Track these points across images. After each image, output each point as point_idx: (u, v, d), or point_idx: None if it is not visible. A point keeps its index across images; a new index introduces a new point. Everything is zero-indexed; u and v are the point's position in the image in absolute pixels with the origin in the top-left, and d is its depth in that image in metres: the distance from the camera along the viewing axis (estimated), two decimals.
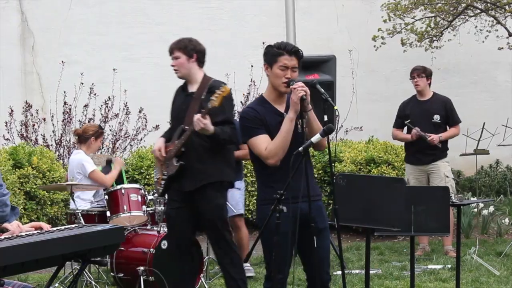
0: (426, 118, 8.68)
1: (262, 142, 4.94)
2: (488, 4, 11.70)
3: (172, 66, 6.05)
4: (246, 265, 7.78)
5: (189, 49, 5.99)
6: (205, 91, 5.86)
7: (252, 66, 12.29)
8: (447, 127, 8.79)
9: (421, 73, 8.75)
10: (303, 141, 4.78)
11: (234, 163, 6.28)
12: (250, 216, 10.00)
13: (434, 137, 8.58)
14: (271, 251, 4.84)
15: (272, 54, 5.01)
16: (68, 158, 11.31)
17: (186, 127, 5.91)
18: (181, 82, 6.22)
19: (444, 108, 8.76)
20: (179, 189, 6.05)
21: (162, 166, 6.13)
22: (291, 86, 4.91)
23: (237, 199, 7.81)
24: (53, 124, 11.67)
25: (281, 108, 5.05)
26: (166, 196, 6.50)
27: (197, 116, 5.68)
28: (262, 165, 5.00)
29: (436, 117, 8.70)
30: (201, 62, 6.06)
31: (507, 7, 11.41)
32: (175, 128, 6.07)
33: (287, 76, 4.96)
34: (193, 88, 6.02)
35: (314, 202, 4.93)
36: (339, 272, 7.35)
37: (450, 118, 8.79)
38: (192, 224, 6.11)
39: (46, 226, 4.13)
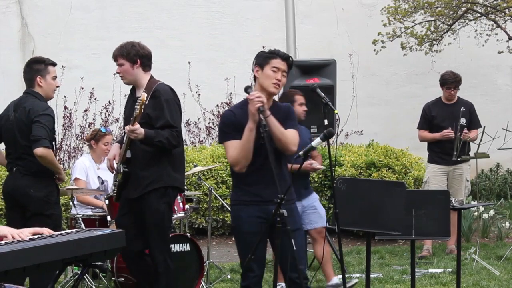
0: (453, 121, 8.84)
1: (230, 149, 5.04)
2: (488, 8, 11.70)
3: (118, 73, 6.02)
4: None
5: (132, 55, 5.94)
6: (149, 96, 5.78)
7: (252, 70, 12.29)
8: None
9: (459, 85, 8.98)
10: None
11: (184, 168, 6.11)
12: None
13: (468, 134, 8.76)
14: (241, 250, 5.06)
15: (265, 57, 5.13)
16: (69, 162, 11.38)
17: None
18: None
19: (468, 112, 8.99)
20: (126, 196, 5.96)
21: (116, 173, 6.04)
22: (247, 96, 4.96)
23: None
24: None
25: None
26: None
27: (127, 128, 5.66)
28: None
29: (462, 120, 8.91)
30: (146, 66, 5.97)
31: (507, 10, 11.41)
32: None
33: (277, 78, 5.05)
34: (140, 93, 5.88)
35: (287, 205, 4.85)
36: (340, 276, 7.34)
37: (473, 122, 9.03)
38: (138, 231, 5.92)
39: (47, 231, 4.11)
